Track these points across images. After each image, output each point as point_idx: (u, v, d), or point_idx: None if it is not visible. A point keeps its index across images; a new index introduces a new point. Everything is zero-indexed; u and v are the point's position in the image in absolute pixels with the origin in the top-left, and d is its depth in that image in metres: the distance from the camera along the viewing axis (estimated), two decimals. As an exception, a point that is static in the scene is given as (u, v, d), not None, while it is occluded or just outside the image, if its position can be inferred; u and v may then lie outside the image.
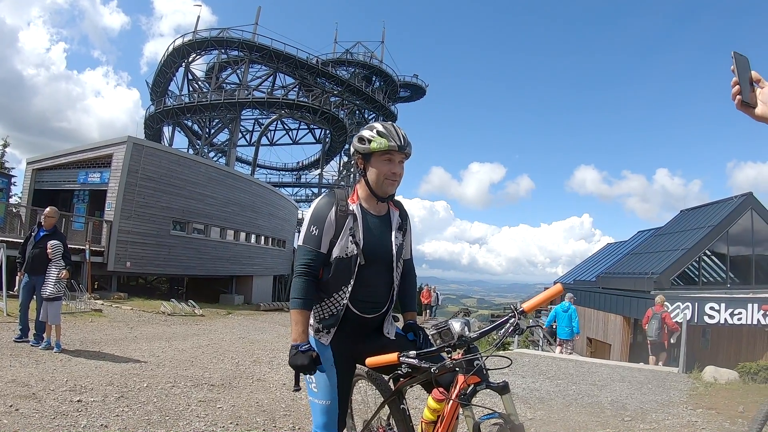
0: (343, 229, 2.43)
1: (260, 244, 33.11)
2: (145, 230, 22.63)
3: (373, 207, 2.55)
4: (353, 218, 2.45)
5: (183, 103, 46.08)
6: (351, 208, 2.47)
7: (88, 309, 14.04)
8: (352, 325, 2.51)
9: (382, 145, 2.38)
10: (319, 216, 2.43)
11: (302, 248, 2.43)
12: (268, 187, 36.85)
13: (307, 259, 2.40)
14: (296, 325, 2.35)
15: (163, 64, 48.72)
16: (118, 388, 5.76)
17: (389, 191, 2.50)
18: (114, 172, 22.16)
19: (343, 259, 2.43)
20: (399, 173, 2.47)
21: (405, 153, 2.46)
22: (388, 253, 2.52)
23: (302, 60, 47.65)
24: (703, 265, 20.16)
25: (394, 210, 2.63)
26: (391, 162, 2.43)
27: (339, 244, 2.42)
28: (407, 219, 2.69)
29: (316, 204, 2.50)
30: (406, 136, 2.46)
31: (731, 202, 20.77)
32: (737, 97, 1.64)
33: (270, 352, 9.93)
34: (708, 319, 16.88)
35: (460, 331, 2.15)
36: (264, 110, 48.62)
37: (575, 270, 34.65)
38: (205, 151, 48.10)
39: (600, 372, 10.01)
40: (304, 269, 2.39)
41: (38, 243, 8.06)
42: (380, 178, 2.45)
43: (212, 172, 27.68)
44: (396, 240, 2.56)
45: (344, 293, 2.44)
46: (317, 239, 2.41)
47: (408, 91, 60.38)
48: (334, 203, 2.46)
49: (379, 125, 2.46)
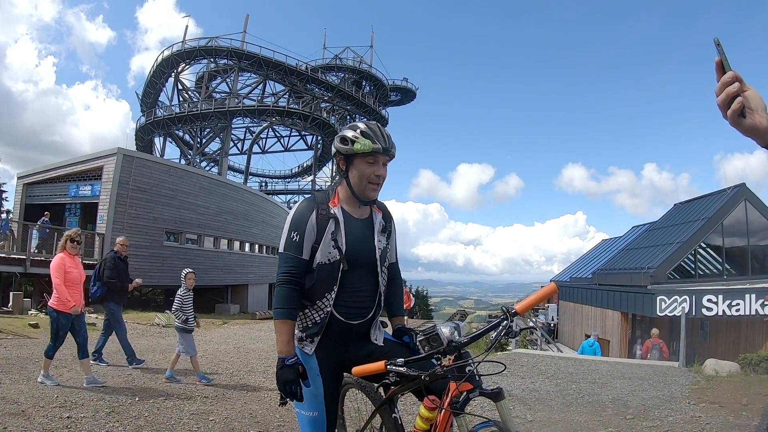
0: (324, 233, 2.31)
1: (254, 252, 33.02)
2: (138, 242, 22.42)
3: (356, 210, 2.44)
4: (335, 222, 2.34)
5: (173, 114, 45.85)
6: (332, 211, 2.36)
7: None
8: (338, 333, 2.39)
9: (366, 146, 2.27)
10: (299, 221, 2.32)
11: (283, 255, 2.32)
12: (261, 194, 36.80)
13: (288, 267, 2.30)
14: (281, 336, 2.25)
15: (152, 75, 48.50)
16: (109, 402, 5.63)
17: (371, 196, 2.39)
18: (105, 184, 22.06)
19: (325, 265, 2.32)
20: (382, 176, 2.36)
21: (389, 155, 2.35)
22: (371, 257, 2.42)
23: (292, 67, 47.58)
24: (699, 258, 20.21)
25: (377, 212, 2.52)
26: (374, 164, 2.32)
27: (321, 249, 2.31)
28: (391, 221, 2.58)
29: (296, 209, 2.38)
30: (390, 137, 2.35)
31: (725, 194, 20.83)
32: (737, 104, 1.19)
33: (265, 361, 9.80)
34: (706, 311, 16.90)
35: (449, 336, 2.03)
36: (255, 118, 48.47)
37: (571, 267, 34.68)
38: (197, 160, 47.91)
39: (600, 369, 9.91)
40: (287, 277, 2.29)
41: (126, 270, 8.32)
42: (363, 181, 2.34)
43: (204, 182, 27.57)
44: (379, 244, 2.46)
45: (328, 300, 2.33)
46: (298, 245, 2.30)
47: (398, 94, 60.34)
48: (315, 207, 2.35)
49: (362, 125, 2.34)
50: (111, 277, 8.16)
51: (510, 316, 2.07)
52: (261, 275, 33.59)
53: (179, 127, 47.29)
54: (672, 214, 24.96)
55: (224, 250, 28.94)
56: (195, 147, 48.93)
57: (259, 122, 49.63)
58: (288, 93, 49.56)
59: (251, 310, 29.45)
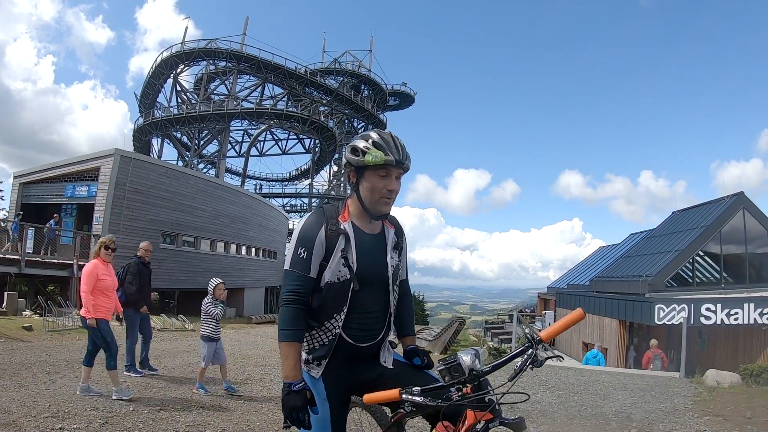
0: (334, 250, 2.17)
1: (251, 255, 32.87)
2: (134, 244, 21.88)
3: (367, 225, 2.30)
4: (345, 238, 2.20)
5: (172, 115, 45.85)
6: (342, 226, 2.21)
7: (75, 326, 13.67)
8: (346, 356, 2.26)
9: (378, 158, 2.13)
10: (307, 237, 2.18)
11: (290, 273, 2.17)
12: (258, 198, 36.69)
13: (295, 285, 2.15)
14: (287, 360, 2.10)
15: (151, 76, 48.49)
16: (102, 413, 5.48)
17: (383, 210, 2.25)
18: (101, 185, 21.93)
19: (334, 284, 2.18)
20: (395, 190, 2.22)
21: (403, 168, 2.21)
22: (383, 275, 2.29)
23: (291, 70, 47.60)
24: (696, 266, 20.15)
25: (389, 227, 2.38)
26: (387, 177, 2.19)
27: (330, 267, 2.17)
28: (403, 237, 2.44)
29: (304, 223, 2.23)
30: (405, 148, 2.21)
31: (723, 202, 20.80)
32: None
33: (262, 368, 9.66)
34: (704, 320, 16.80)
35: (470, 365, 1.91)
36: (253, 121, 48.48)
37: (568, 274, 34.60)
38: (194, 162, 47.81)
39: (601, 380, 9.82)
40: (293, 296, 2.14)
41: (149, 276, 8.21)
42: (374, 195, 2.20)
43: (201, 184, 27.45)
44: (392, 261, 2.32)
45: (337, 321, 2.20)
46: (305, 263, 2.16)
47: (397, 99, 60.42)
48: (324, 222, 2.21)
49: (374, 134, 2.20)
50: (133, 283, 7.98)
51: (535, 344, 1.94)
52: (257, 279, 33.45)
53: (177, 129, 47.27)
54: (670, 221, 24.91)
55: (220, 253, 28.82)
56: (193, 149, 48.86)
57: (258, 125, 49.67)
58: (287, 96, 49.57)
59: (247, 314, 29.36)
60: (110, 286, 6.40)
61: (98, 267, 6.27)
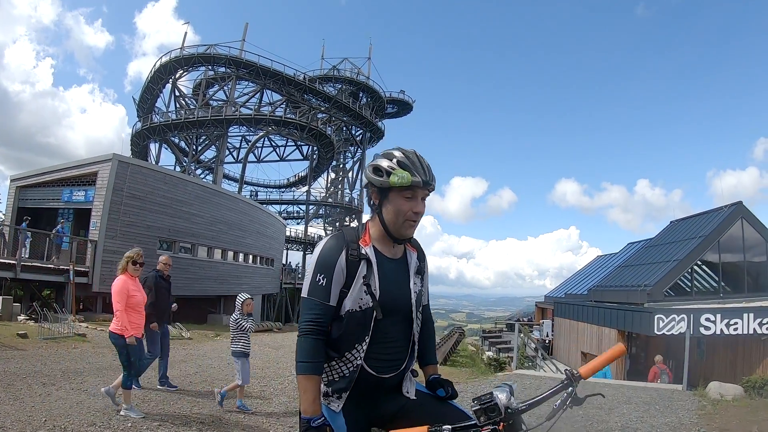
0: (355, 277, 2.05)
1: (248, 263, 32.70)
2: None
3: (389, 249, 2.18)
4: (367, 264, 2.07)
5: (170, 120, 45.70)
6: (364, 251, 2.09)
7: (71, 333, 13.48)
8: (367, 387, 2.13)
9: (404, 179, 2.01)
10: (326, 262, 2.05)
11: (308, 301, 2.05)
12: (256, 204, 36.55)
13: (313, 314, 2.03)
14: (305, 394, 1.98)
15: (149, 81, 48.33)
16: (100, 428, 5.36)
17: (408, 234, 2.14)
18: (99, 190, 21.75)
19: (356, 313, 2.06)
20: (421, 212, 2.11)
21: (429, 188, 2.10)
22: (407, 302, 2.16)
23: (289, 76, 47.56)
24: (695, 276, 20.12)
25: (411, 251, 2.26)
26: (412, 199, 2.07)
27: (351, 295, 2.05)
28: (425, 260, 2.32)
29: (323, 248, 2.11)
30: (430, 168, 2.10)
31: (722, 212, 20.83)
32: None
33: (261, 380, 9.53)
34: (704, 330, 16.75)
35: (506, 403, 1.81)
36: (251, 127, 48.38)
37: (566, 283, 34.59)
38: (192, 168, 47.67)
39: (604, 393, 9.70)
40: (312, 326, 2.03)
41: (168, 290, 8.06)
42: (399, 218, 2.08)
43: (199, 190, 27.31)
44: (415, 287, 2.20)
45: (358, 352, 2.07)
46: (325, 290, 2.03)
47: (395, 107, 60.41)
48: (344, 246, 2.09)
49: (399, 153, 2.08)
50: (148, 297, 7.80)
51: (574, 381, 1.85)
52: (254, 286, 33.25)
53: (175, 134, 47.13)
54: (668, 231, 24.94)
55: (218, 260, 28.63)
56: (190, 154, 48.75)
57: (256, 131, 49.55)
58: (285, 103, 49.53)
59: (243, 321, 29.07)
60: (140, 301, 6.28)
61: (127, 283, 6.11)
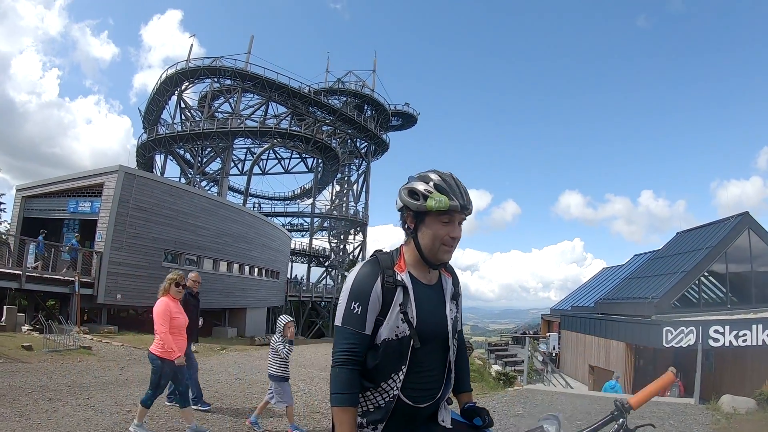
0: (391, 304, 1.98)
1: (254, 275, 32.62)
2: (137, 262, 22.15)
3: (424, 275, 2.11)
4: (403, 291, 2.00)
5: (175, 132, 46.03)
6: (400, 277, 2.01)
7: (76, 346, 13.40)
8: (403, 418, 2.06)
9: (442, 203, 1.95)
10: (361, 290, 1.98)
11: (342, 330, 1.98)
12: (261, 217, 36.57)
13: (348, 344, 1.96)
14: (341, 426, 1.90)
15: (155, 93, 48.73)
16: (108, 444, 5.28)
17: (445, 258, 2.07)
18: (105, 201, 21.78)
19: (392, 342, 1.99)
20: (458, 237, 2.04)
21: (467, 212, 2.04)
22: (443, 329, 2.09)
23: (294, 89, 47.87)
24: (702, 287, 19.97)
25: (446, 276, 2.19)
26: (449, 223, 2.01)
27: (387, 323, 1.98)
28: (459, 285, 2.25)
29: (357, 274, 2.03)
30: (467, 191, 2.04)
31: (728, 222, 20.72)
32: None
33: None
34: (712, 342, 16.61)
35: None
36: (256, 139, 48.68)
37: (572, 296, 34.36)
38: (197, 180, 47.82)
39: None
40: (347, 357, 1.96)
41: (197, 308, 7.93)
42: (436, 243, 2.02)
43: (205, 203, 27.35)
44: (451, 313, 2.13)
45: (395, 382, 1.99)
46: (360, 319, 1.96)
47: (399, 119, 60.76)
48: (379, 273, 2.00)
49: (435, 176, 2.02)
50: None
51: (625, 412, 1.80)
52: (259, 299, 33.20)
53: (180, 146, 47.41)
54: (675, 242, 24.78)
55: (223, 272, 28.58)
56: (196, 166, 48.96)
57: (261, 143, 49.84)
58: (290, 115, 49.83)
59: (249, 334, 29.10)
60: (182, 324, 6.18)
61: (170, 305, 6.02)
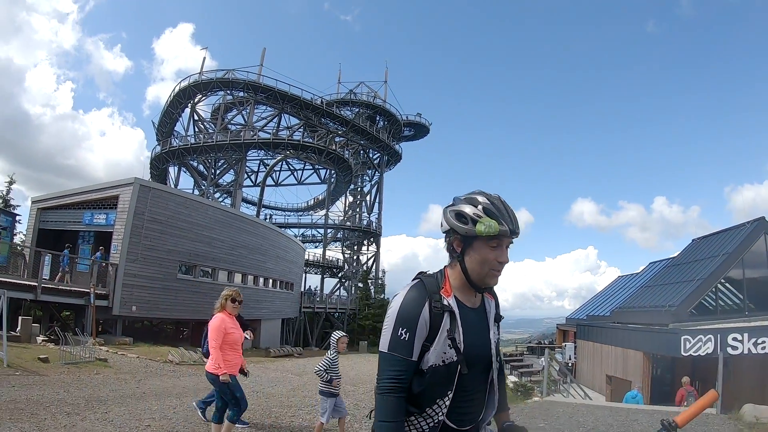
0: (438, 330, 1.93)
1: (268, 287, 32.65)
2: (152, 274, 22.27)
3: (469, 298, 2.06)
4: (450, 316, 1.95)
5: (189, 144, 46.44)
6: (446, 302, 1.96)
7: (92, 358, 13.48)
8: None
9: (492, 229, 1.92)
10: (408, 316, 1.92)
11: (389, 357, 1.92)
12: (275, 229, 36.65)
13: (395, 371, 1.91)
14: None
15: (169, 105, 49.24)
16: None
17: (492, 283, 2.03)
18: (120, 213, 21.93)
19: (439, 368, 1.93)
20: (506, 261, 2.00)
21: (515, 236, 2.01)
22: (488, 353, 2.05)
23: (307, 101, 48.13)
24: (719, 294, 19.75)
25: (489, 299, 2.15)
26: (498, 248, 1.97)
27: (435, 349, 1.93)
28: (499, 306, 2.22)
29: (403, 300, 1.97)
30: (515, 214, 2.01)
31: (744, 228, 20.54)
32: None
33: (288, 409, 9.35)
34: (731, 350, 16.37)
35: None
36: (269, 151, 48.92)
37: (587, 305, 34.10)
38: (210, 191, 48.09)
39: (639, 419, 9.45)
40: (394, 384, 1.90)
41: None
42: (484, 268, 1.97)
43: (219, 215, 27.46)
44: (494, 336, 2.09)
45: (441, 407, 1.95)
46: (408, 345, 1.91)
47: (412, 129, 60.94)
48: (427, 298, 1.95)
49: (483, 199, 1.98)
50: None
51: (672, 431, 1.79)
52: (274, 310, 33.21)
53: (194, 158, 47.76)
54: (690, 249, 24.55)
55: (238, 284, 28.56)
56: (209, 178, 49.24)
57: (274, 155, 50.05)
58: (303, 127, 50.07)
59: (263, 346, 29.16)
60: (238, 339, 6.22)
61: (225, 321, 6.03)
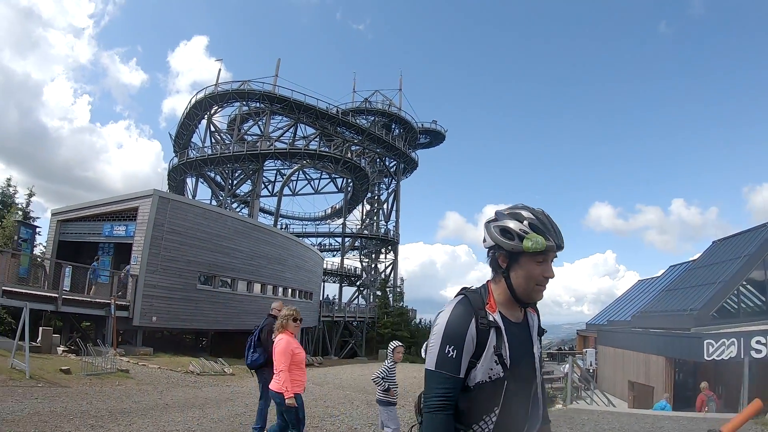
0: (486, 346, 1.91)
1: (287, 296, 32.72)
2: (171, 284, 22.48)
3: (513, 313, 2.05)
4: (496, 332, 1.93)
5: (206, 155, 47.01)
6: (492, 318, 1.95)
7: (114, 369, 13.59)
8: None
9: (539, 244, 1.90)
10: (455, 333, 1.91)
11: (436, 375, 1.90)
12: (294, 238, 36.78)
13: (444, 389, 1.89)
14: None
15: (185, 117, 49.88)
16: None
17: (537, 298, 2.01)
18: (140, 225, 22.17)
19: (486, 384, 1.92)
20: (552, 276, 1.98)
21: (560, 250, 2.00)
22: (533, 368, 2.04)
23: (322, 110, 48.42)
24: (741, 297, 19.45)
25: (532, 313, 2.13)
26: (544, 263, 1.96)
27: (481, 365, 1.91)
28: (540, 320, 2.21)
29: (449, 316, 1.95)
30: (558, 228, 2.00)
31: (765, 228, 20.26)
32: None
33: (312, 419, 9.33)
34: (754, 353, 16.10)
35: None
36: (286, 161, 49.21)
37: (607, 310, 33.77)
38: (228, 202, 48.52)
39: (665, 426, 9.35)
40: (442, 402, 1.88)
41: None
42: (530, 283, 1.96)
43: (238, 225, 27.67)
44: (537, 350, 2.08)
45: (487, 424, 1.94)
46: (455, 363, 1.88)
47: (427, 137, 60.98)
48: (473, 314, 1.94)
49: (528, 213, 1.98)
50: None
51: None
52: (293, 320, 33.28)
53: (211, 169, 48.30)
54: (711, 252, 24.23)
55: (257, 294, 28.73)
56: (226, 188, 49.71)
57: (290, 165, 50.26)
58: (319, 136, 50.29)
59: (283, 355, 29.11)
60: (303, 358, 6.20)
61: (291, 342, 6.02)
